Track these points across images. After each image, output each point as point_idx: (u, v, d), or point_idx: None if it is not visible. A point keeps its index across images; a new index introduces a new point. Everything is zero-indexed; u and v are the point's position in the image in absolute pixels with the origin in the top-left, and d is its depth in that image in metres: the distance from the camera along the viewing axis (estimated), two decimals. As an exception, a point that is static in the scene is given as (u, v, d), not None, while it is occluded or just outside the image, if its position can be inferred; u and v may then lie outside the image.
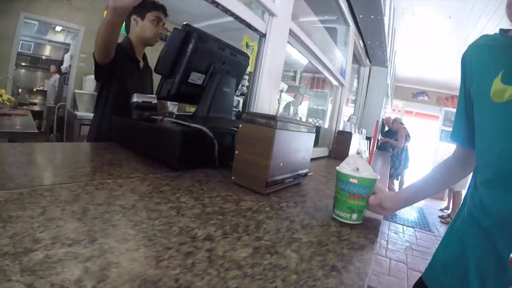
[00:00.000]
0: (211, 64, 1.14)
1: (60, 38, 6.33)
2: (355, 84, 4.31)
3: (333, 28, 2.57)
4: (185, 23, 1.08)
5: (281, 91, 4.20)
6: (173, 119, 1.07)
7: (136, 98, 1.10)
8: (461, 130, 0.83)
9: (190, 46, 1.05)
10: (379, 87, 4.42)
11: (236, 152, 0.85)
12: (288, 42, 1.38)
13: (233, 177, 0.87)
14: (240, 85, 1.42)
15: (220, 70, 1.17)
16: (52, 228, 0.44)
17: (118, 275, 0.35)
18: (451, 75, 6.33)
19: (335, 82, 2.31)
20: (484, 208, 0.68)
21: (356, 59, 3.69)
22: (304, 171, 1.03)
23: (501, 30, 0.73)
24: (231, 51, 1.22)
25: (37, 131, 2.06)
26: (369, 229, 0.70)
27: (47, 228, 0.43)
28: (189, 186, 0.76)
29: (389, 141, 5.66)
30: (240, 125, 0.84)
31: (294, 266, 0.46)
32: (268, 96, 1.30)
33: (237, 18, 1.17)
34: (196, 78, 1.13)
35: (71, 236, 0.42)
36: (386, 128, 6.16)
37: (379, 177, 0.74)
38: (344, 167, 0.73)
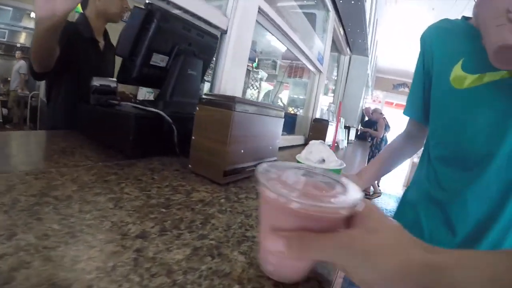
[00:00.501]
0: (175, 45, 1.06)
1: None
2: (334, 73, 4.28)
3: (312, 13, 2.50)
4: (147, 1, 0.99)
5: (261, 79, 4.12)
6: (132, 104, 0.99)
7: (94, 82, 1.01)
8: (417, 106, 0.88)
9: (152, 25, 0.97)
10: (359, 76, 4.41)
11: (193, 137, 0.78)
12: (259, 23, 1.31)
13: (190, 165, 0.80)
14: (209, 69, 1.33)
15: (186, 51, 1.09)
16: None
17: (25, 277, 0.30)
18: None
19: (312, 69, 2.25)
20: (439, 182, 0.74)
21: (336, 47, 3.64)
22: (272, 159, 0.97)
23: (463, 17, 0.78)
24: (198, 32, 1.14)
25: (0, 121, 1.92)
26: None
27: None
28: (138, 175, 0.69)
29: (369, 131, 5.70)
30: (197, 108, 0.77)
31: (239, 272, 0.39)
32: (233, 78, 1.21)
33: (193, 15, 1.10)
34: (159, 60, 1.05)
35: (-10, 230, 0.36)
36: (366, 118, 6.19)
37: (345, 164, 0.68)
38: (307, 158, 0.68)
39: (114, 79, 1.07)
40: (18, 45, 5.96)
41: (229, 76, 1.18)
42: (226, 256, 0.43)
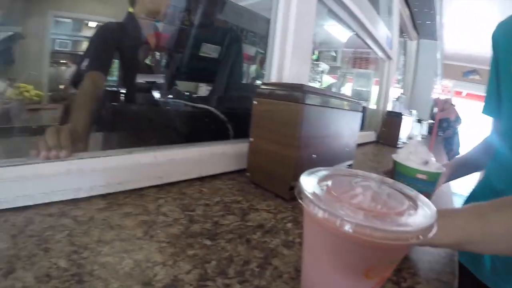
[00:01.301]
0: (226, 33, 0.93)
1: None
2: (401, 61, 3.86)
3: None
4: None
5: (322, 72, 3.88)
6: (182, 101, 0.88)
7: (139, 79, 0.93)
8: (494, 105, 0.85)
9: (198, 11, 0.84)
10: (428, 63, 3.92)
11: (251, 139, 0.63)
12: (323, 2, 1.10)
13: (248, 173, 0.65)
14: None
15: (238, 39, 0.94)
16: None
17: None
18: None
19: (381, 55, 1.97)
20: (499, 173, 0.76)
21: (401, 31, 3.25)
22: (348, 163, 0.78)
23: None
24: (251, 16, 0.99)
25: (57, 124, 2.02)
26: (441, 264, 0.46)
27: None
28: (184, 186, 0.57)
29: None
30: (254, 101, 0.61)
31: None
32: (295, 70, 0.87)
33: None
34: (210, 50, 0.92)
35: None
36: (435, 110, 5.55)
37: (444, 169, 0.57)
38: (408, 158, 0.56)
39: (161, 75, 0.97)
40: (81, 53, 6.50)
41: (290, 68, 0.85)
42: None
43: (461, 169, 0.88)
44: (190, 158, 0.60)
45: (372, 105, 2.35)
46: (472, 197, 0.85)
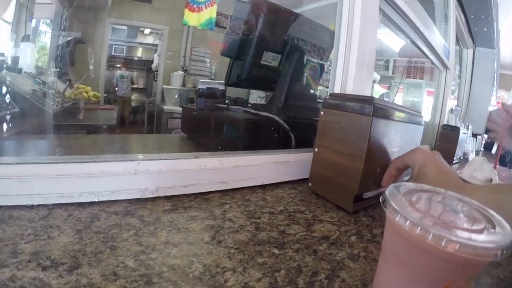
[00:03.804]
0: (287, 41, 0.93)
1: (149, 40, 6.85)
2: (456, 72, 3.63)
3: (429, 0, 2.09)
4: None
5: (374, 81, 3.78)
6: (243, 108, 0.89)
7: (200, 85, 0.96)
8: None
9: (260, 19, 0.86)
10: (485, 73, 3.64)
11: (316, 149, 0.62)
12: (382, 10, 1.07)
13: (310, 183, 0.64)
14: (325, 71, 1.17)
15: (299, 49, 0.94)
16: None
17: None
18: None
19: (438, 65, 1.86)
20: None
21: (457, 39, 3.06)
22: (406, 178, 0.74)
23: None
24: (311, 26, 0.99)
25: (113, 124, 2.16)
26: (500, 286, 0.42)
27: None
28: (247, 193, 0.57)
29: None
30: (321, 112, 0.61)
31: None
32: (359, 82, 0.86)
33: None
34: (271, 58, 0.93)
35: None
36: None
37: None
38: (473, 176, 0.56)
39: (222, 81, 0.99)
40: (136, 58, 6.83)
41: (354, 80, 0.83)
42: None
43: None
44: (254, 165, 0.61)
45: (423, 117, 2.23)
46: None
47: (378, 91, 3.28)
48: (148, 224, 0.40)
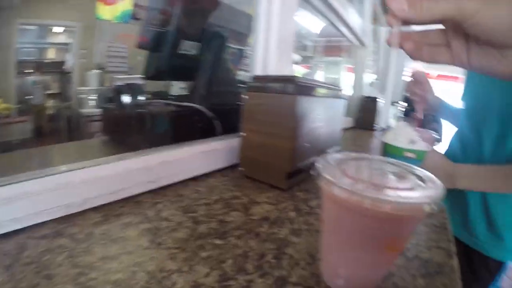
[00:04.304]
0: (205, 29, 0.91)
1: (61, 39, 6.22)
2: (373, 48, 3.94)
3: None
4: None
5: (295, 63, 3.91)
6: (164, 101, 0.85)
7: (118, 82, 0.89)
8: None
9: (175, 8, 0.82)
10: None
11: (243, 134, 0.62)
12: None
13: (241, 168, 0.64)
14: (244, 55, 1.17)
15: (218, 35, 0.93)
16: None
17: None
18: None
19: (356, 43, 2.00)
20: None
21: (373, 18, 3.31)
22: (335, 148, 0.79)
23: None
24: (230, 11, 0.98)
25: (28, 137, 1.94)
26: (437, 232, 0.48)
27: None
28: (179, 188, 0.55)
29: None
30: (245, 95, 0.61)
31: None
32: (278, 65, 0.85)
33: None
34: (189, 47, 0.90)
35: None
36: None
37: (432, 147, 0.63)
38: (396, 139, 0.58)
39: (140, 76, 0.94)
40: (47, 61, 6.13)
41: (274, 63, 0.83)
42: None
43: (445, 110, 1.05)
44: (181, 158, 0.58)
45: (344, 92, 2.38)
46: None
47: (299, 71, 3.42)
48: (80, 242, 0.36)
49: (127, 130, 0.77)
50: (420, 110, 0.81)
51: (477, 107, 0.85)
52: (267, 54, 0.80)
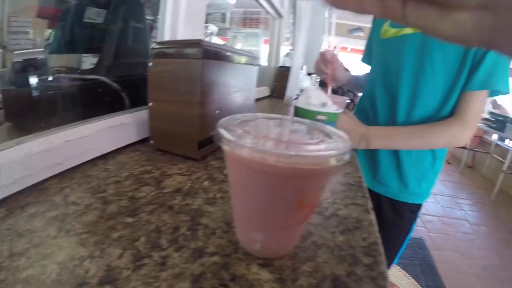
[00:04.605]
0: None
1: None
2: (290, 20, 4.03)
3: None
4: None
5: (211, 34, 3.79)
6: (68, 75, 0.76)
7: (16, 58, 0.76)
8: (369, 55, 1.14)
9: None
10: (317, 21, 4.18)
11: (150, 104, 0.60)
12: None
13: (152, 141, 0.62)
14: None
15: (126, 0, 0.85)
16: None
17: None
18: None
19: (273, 13, 2.01)
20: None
21: None
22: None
23: None
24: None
25: None
26: (353, 190, 0.53)
27: None
28: (88, 168, 0.52)
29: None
30: (150, 63, 0.57)
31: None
32: (190, 34, 0.84)
33: None
34: (94, 15, 0.81)
35: None
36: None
37: (342, 109, 0.63)
38: (308, 103, 0.60)
39: (41, 49, 0.82)
40: None
41: (184, 28, 0.81)
42: (244, 278, 0.29)
43: (354, 82, 1.21)
44: (88, 136, 0.54)
45: (262, 63, 2.43)
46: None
47: (217, 43, 3.34)
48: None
49: (30, 113, 0.68)
50: (329, 87, 0.88)
51: (391, 73, 0.94)
52: (176, 24, 0.76)
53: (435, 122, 0.85)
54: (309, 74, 3.05)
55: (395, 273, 2.05)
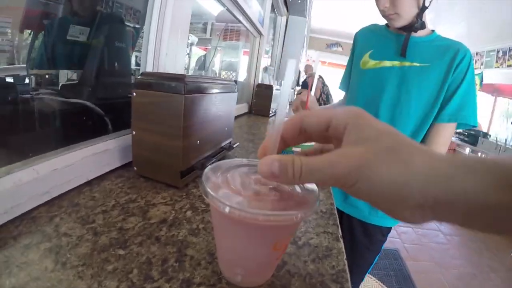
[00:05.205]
0: (95, 11, 0.85)
1: None
2: (270, 36, 4.13)
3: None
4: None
5: (191, 44, 3.81)
6: (49, 96, 0.78)
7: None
8: (347, 83, 1.23)
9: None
10: (296, 37, 4.29)
11: (133, 132, 0.63)
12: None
13: (135, 167, 0.65)
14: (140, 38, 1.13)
15: (110, 18, 0.88)
16: None
17: None
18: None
19: (253, 31, 2.08)
20: None
21: (273, 8, 3.47)
22: (228, 141, 0.86)
23: (385, 25, 1.09)
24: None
25: None
26: (325, 218, 0.58)
27: None
28: (75, 195, 0.54)
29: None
30: (133, 93, 0.60)
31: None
32: (172, 50, 0.87)
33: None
34: (78, 32, 0.84)
35: None
36: (303, 78, 6.19)
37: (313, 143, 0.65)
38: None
39: (23, 66, 0.83)
40: None
41: (168, 48, 0.84)
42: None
43: None
44: (73, 163, 0.56)
45: (241, 76, 2.47)
46: None
47: (197, 53, 3.37)
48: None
49: (11, 135, 0.69)
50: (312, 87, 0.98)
51: (370, 103, 1.02)
52: (160, 36, 0.80)
53: None
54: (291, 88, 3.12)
55: (371, 284, 2.14)
